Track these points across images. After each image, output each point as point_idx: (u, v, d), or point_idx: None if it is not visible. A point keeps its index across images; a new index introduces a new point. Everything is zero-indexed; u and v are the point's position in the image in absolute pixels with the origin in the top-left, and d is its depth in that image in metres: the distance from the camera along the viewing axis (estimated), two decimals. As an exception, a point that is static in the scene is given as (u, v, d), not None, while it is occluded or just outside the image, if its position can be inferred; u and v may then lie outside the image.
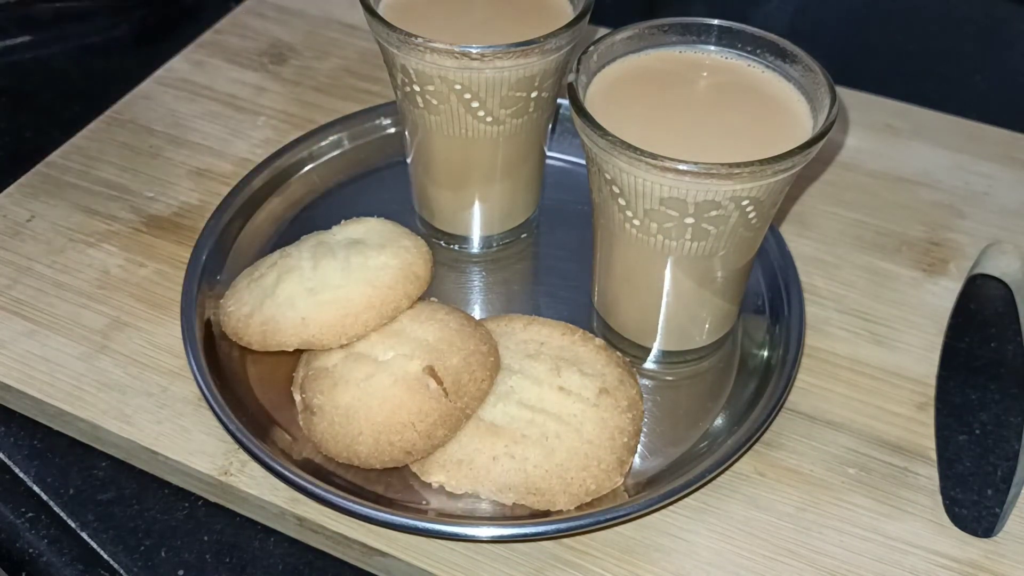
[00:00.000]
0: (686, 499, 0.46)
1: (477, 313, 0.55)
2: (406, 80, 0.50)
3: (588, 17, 0.50)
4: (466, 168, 0.54)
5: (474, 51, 0.47)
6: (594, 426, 0.46)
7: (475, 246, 0.58)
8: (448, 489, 0.46)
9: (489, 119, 0.51)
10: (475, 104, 0.50)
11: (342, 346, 0.48)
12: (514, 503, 0.45)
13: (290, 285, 0.49)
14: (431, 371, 0.46)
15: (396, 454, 0.45)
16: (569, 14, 0.51)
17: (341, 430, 0.46)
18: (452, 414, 0.45)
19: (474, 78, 0.48)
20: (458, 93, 0.49)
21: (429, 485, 0.46)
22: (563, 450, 0.45)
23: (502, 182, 0.55)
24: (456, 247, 0.58)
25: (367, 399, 0.46)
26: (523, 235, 0.59)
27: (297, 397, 0.48)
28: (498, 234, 0.58)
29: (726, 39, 0.49)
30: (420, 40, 0.47)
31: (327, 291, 0.49)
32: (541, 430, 0.46)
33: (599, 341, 0.50)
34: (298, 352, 0.49)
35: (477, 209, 0.56)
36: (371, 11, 0.50)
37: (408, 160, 0.57)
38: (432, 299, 0.51)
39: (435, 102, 0.50)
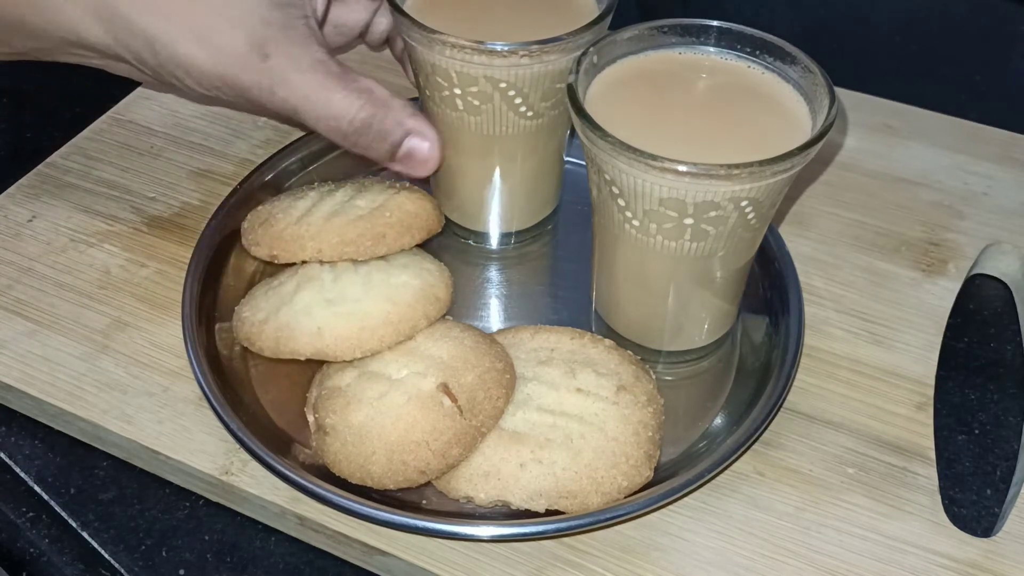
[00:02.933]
0: (686, 499, 0.46)
1: (486, 310, 0.55)
2: (445, 85, 0.50)
3: None
4: (497, 164, 0.54)
5: (524, 48, 0.47)
6: (617, 423, 0.46)
7: (494, 242, 0.59)
8: (477, 503, 0.45)
9: (530, 113, 0.51)
10: (518, 100, 0.50)
11: (356, 364, 0.47)
12: (547, 509, 0.44)
13: (308, 294, 0.48)
14: (445, 388, 0.45)
15: (410, 473, 0.44)
16: (586, 2, 0.51)
17: (354, 450, 0.45)
18: (467, 432, 0.45)
19: (521, 74, 0.48)
20: (502, 91, 0.49)
21: (428, 483, 0.46)
22: (589, 450, 0.45)
23: (531, 176, 0.55)
24: (471, 241, 0.59)
25: (380, 418, 0.45)
26: (549, 226, 0.60)
27: (311, 418, 0.47)
28: (518, 231, 0.58)
29: (725, 40, 0.49)
30: (472, 44, 0.47)
31: (346, 303, 0.48)
32: (565, 433, 0.45)
33: (608, 342, 0.50)
34: (308, 367, 0.49)
35: (502, 205, 0.57)
36: (421, 25, 0.48)
37: None
38: (447, 317, 0.50)
39: (477, 103, 0.50)
